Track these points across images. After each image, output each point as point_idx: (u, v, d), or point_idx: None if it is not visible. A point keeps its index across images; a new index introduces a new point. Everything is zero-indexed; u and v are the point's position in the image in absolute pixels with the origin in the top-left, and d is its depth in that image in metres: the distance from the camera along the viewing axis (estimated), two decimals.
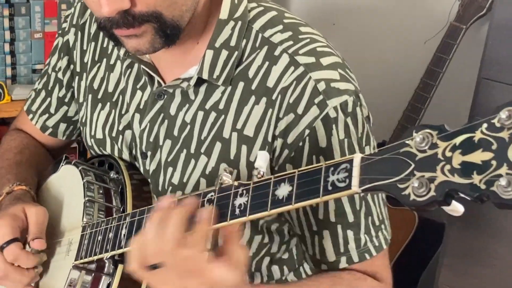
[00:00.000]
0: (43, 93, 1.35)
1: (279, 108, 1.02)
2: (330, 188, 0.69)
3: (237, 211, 0.79)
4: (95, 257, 1.02)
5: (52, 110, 1.35)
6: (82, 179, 1.14)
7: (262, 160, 0.80)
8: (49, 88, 1.34)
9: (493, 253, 1.73)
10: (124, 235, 0.97)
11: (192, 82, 1.06)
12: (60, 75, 1.31)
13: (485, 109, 1.65)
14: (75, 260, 1.06)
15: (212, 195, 0.84)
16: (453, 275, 1.74)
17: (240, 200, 0.79)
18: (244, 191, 0.79)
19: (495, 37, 1.58)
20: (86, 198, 1.11)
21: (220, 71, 1.05)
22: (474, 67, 1.97)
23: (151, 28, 0.98)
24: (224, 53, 1.05)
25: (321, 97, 1.00)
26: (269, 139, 1.03)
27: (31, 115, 1.38)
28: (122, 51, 1.13)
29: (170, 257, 0.83)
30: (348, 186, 0.67)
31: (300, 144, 1.01)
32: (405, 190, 0.63)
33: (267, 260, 1.20)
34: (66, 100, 1.33)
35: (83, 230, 1.08)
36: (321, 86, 1.00)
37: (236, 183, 0.81)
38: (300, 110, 1.01)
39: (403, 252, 2.00)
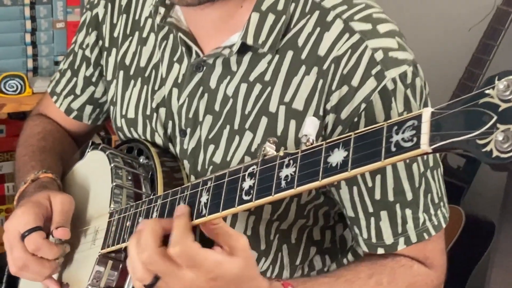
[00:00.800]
0: (68, 73, 1.30)
1: (331, 80, 0.95)
2: (393, 149, 0.61)
3: (283, 183, 0.72)
4: (124, 245, 0.96)
5: (78, 91, 1.30)
6: (110, 163, 1.07)
7: (311, 126, 0.73)
8: (76, 67, 1.29)
9: None
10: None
11: (235, 48, 0.99)
12: (87, 52, 1.26)
13: None
14: (102, 249, 1.00)
15: (253, 169, 0.77)
16: (505, 274, 1.65)
17: (286, 171, 0.72)
18: (291, 161, 0.72)
19: None
20: (114, 184, 1.04)
21: (266, 36, 0.98)
22: None
23: None
24: (271, 17, 0.98)
25: (378, 67, 0.93)
26: (320, 113, 0.97)
27: (55, 97, 1.33)
28: (158, 18, 1.08)
29: (159, 264, 0.80)
30: (416, 145, 0.59)
31: (356, 119, 0.94)
32: (486, 146, 0.55)
33: (313, 251, 1.13)
34: (93, 79, 1.28)
35: (111, 217, 1.02)
36: (379, 55, 0.93)
37: (281, 153, 0.74)
38: (355, 82, 0.94)
39: (449, 252, 1.91)
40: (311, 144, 0.71)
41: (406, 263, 1.01)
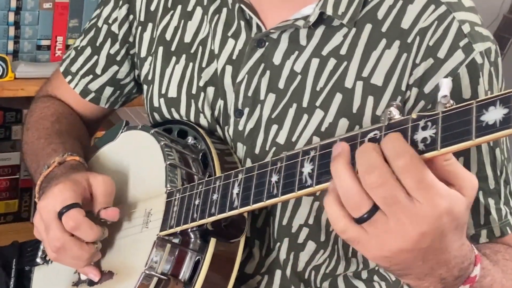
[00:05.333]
0: (88, 51, 1.28)
1: (416, 52, 0.99)
2: None
3: (421, 145, 0.72)
4: (194, 224, 0.95)
5: (98, 70, 1.28)
6: (159, 142, 1.06)
7: (447, 88, 0.75)
8: (98, 44, 1.27)
9: None
10: (237, 193, 0.90)
11: (313, 18, 1.01)
12: (114, 27, 1.25)
13: None
14: (161, 231, 0.98)
15: (376, 134, 0.78)
16: None
17: (424, 134, 0.73)
18: (429, 123, 0.73)
19: None
20: (168, 162, 1.03)
21: (345, 8, 1.01)
22: None
23: None
24: None
25: (466, 40, 0.97)
26: (402, 88, 1.00)
27: (69, 77, 1.30)
28: None
29: (391, 187, 0.69)
30: None
31: None
32: None
33: None
34: (118, 58, 1.26)
35: (170, 197, 1.00)
36: (466, 28, 0.98)
37: (414, 116, 0.75)
38: (441, 54, 0.98)
39: None
40: (451, 105, 0.73)
41: (508, 248, 1.01)
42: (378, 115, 1.01)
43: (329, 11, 1.00)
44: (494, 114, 0.68)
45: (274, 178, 0.86)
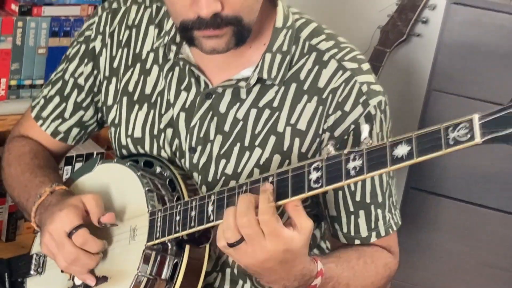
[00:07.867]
0: (56, 99, 1.50)
1: (329, 106, 1.30)
2: (451, 142, 0.96)
3: (352, 172, 1.04)
4: (177, 234, 1.22)
5: (66, 115, 1.50)
6: (136, 172, 1.32)
7: (367, 131, 1.06)
8: (65, 94, 1.49)
9: (439, 246, 2.08)
10: (212, 210, 1.18)
11: (252, 81, 1.30)
12: (80, 80, 1.47)
13: (435, 119, 2.02)
14: (148, 241, 1.24)
15: (318, 164, 1.08)
16: (404, 270, 2.05)
17: (353, 164, 1.04)
18: (357, 156, 1.04)
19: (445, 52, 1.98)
20: (147, 188, 1.29)
21: (276, 72, 1.31)
22: (398, 90, 2.36)
23: (230, 31, 1.22)
24: (279, 57, 1.31)
25: (364, 97, 1.30)
26: (320, 132, 1.31)
27: (41, 121, 1.52)
28: (172, 55, 1.36)
29: (252, 228, 1.07)
30: (471, 139, 0.94)
31: (345, 137, 1.30)
32: None
33: None
34: (84, 105, 1.50)
35: (152, 215, 1.26)
36: (364, 88, 1.30)
37: (345, 151, 1.06)
38: (347, 108, 1.30)
39: None
40: (371, 144, 1.04)
41: (378, 249, 1.37)
42: (303, 152, 1.31)
43: (264, 76, 1.30)
44: (401, 150, 1.00)
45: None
